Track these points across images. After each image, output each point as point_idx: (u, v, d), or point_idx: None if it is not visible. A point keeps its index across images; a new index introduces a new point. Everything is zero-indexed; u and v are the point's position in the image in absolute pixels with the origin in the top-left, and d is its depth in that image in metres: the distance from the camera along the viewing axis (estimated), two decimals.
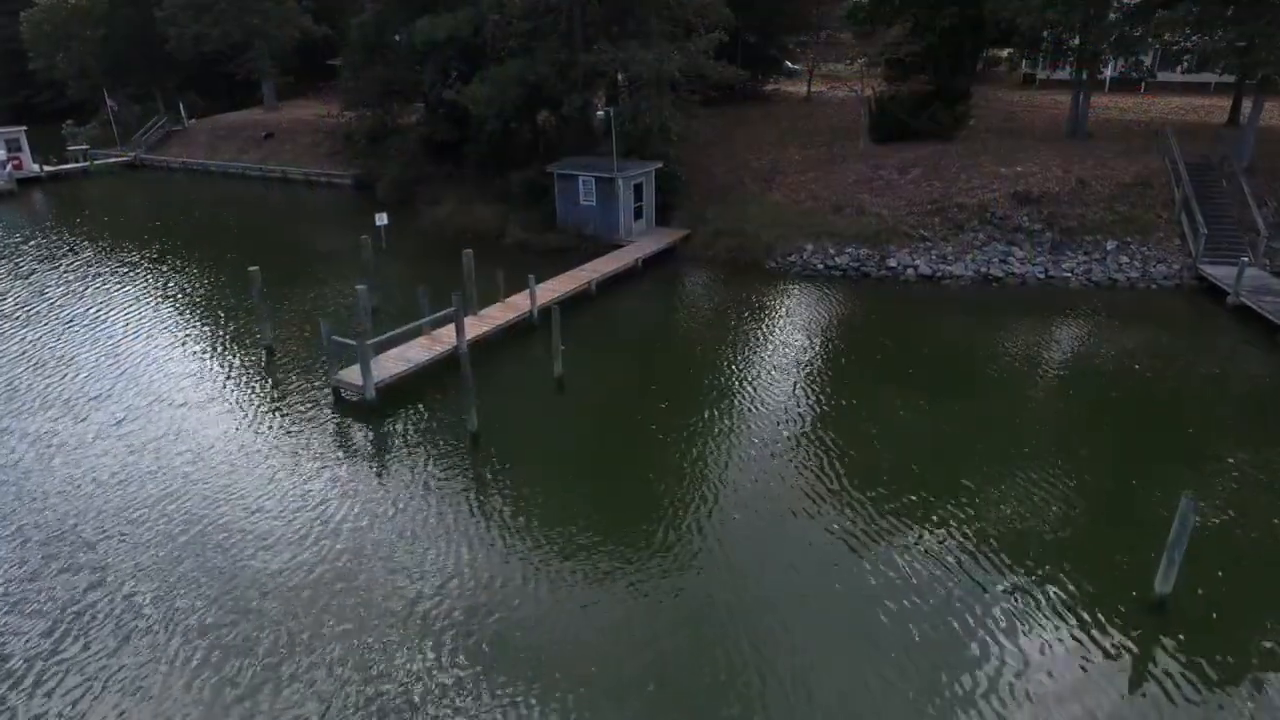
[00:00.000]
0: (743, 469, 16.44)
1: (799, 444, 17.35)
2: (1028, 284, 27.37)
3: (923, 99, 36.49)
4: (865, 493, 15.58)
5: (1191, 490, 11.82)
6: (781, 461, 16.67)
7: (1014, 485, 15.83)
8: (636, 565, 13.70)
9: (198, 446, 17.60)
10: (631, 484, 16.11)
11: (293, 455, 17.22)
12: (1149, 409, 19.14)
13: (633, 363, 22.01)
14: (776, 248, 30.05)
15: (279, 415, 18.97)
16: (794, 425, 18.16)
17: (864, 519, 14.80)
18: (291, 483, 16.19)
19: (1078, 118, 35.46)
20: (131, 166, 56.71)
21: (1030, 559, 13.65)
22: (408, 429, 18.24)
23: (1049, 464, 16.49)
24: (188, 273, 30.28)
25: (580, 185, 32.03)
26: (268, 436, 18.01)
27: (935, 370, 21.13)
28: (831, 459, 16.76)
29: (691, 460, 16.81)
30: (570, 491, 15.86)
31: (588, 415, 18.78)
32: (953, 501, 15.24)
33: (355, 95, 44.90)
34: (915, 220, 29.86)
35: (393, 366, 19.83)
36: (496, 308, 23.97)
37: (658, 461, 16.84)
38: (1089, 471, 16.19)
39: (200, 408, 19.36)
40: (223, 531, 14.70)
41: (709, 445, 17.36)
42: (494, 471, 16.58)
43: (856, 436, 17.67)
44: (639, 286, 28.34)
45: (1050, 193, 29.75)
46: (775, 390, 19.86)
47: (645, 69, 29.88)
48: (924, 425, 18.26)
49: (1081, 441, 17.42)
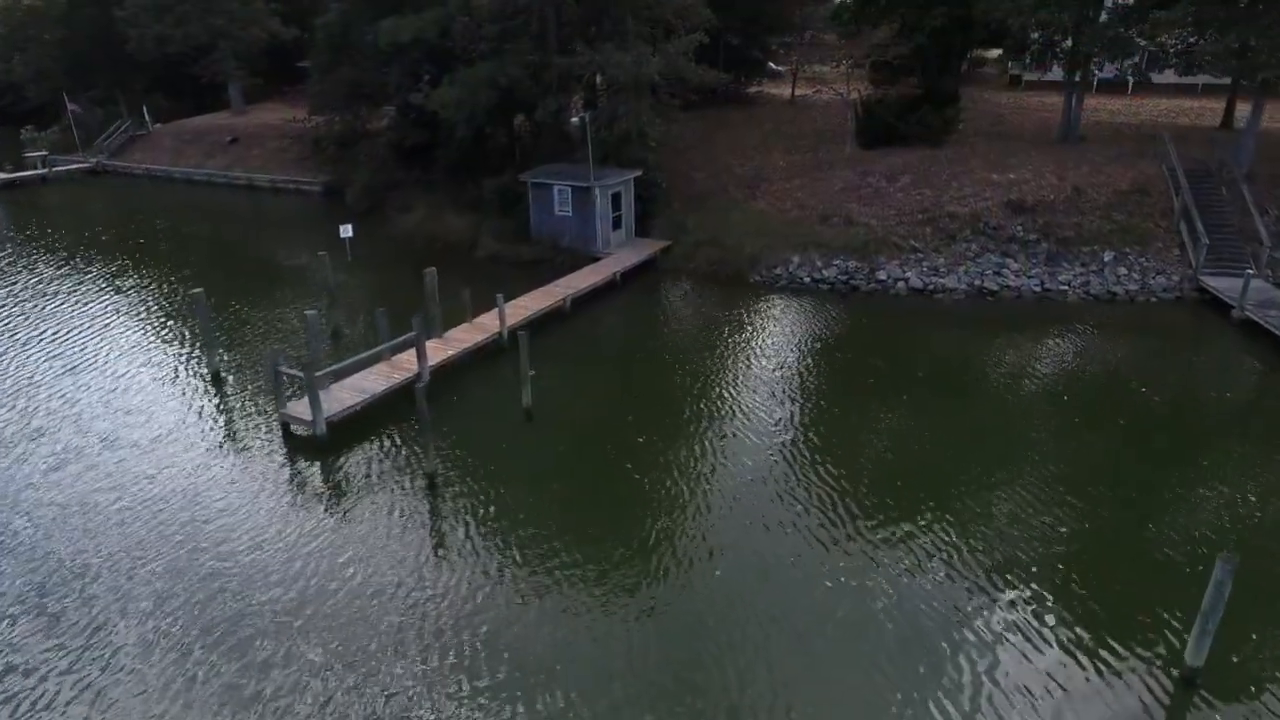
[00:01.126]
0: (726, 511, 15.02)
1: (787, 477, 15.95)
2: (1024, 297, 26.14)
3: (911, 102, 35.26)
4: (860, 528, 14.24)
5: (1232, 552, 10.48)
6: (768, 498, 15.26)
7: (1015, 520, 14.57)
8: (612, 614, 12.30)
9: (133, 497, 15.95)
10: (603, 530, 14.64)
11: (235, 502, 15.62)
12: (1158, 437, 17.89)
13: (608, 388, 20.55)
14: (761, 260, 28.66)
15: (223, 453, 17.35)
16: (781, 456, 16.76)
17: (860, 557, 13.42)
18: (229, 536, 14.60)
19: (1070, 121, 34.33)
20: (93, 173, 54.59)
21: (1032, 603, 12.45)
22: (360, 470, 16.67)
23: (1050, 497, 15.25)
24: (141, 291, 28.42)
25: (555, 195, 30.52)
26: (209, 479, 16.39)
27: (929, 393, 19.82)
28: (823, 492, 15.39)
29: (669, 502, 15.37)
30: (537, 542, 14.36)
31: (558, 450, 17.29)
32: (953, 539, 13.93)
33: (322, 99, 43.21)
34: (905, 230, 28.57)
35: (347, 398, 18.26)
36: (463, 329, 22.43)
37: (633, 504, 15.39)
38: (1096, 507, 14.92)
39: (140, 448, 17.68)
40: (147, 600, 13.11)
41: (688, 483, 15.93)
42: (453, 518, 15.06)
43: (849, 467, 16.31)
44: (617, 302, 26.87)
45: (1045, 201, 28.55)
46: (761, 418, 18.46)
47: (622, 72, 28.41)
48: (918, 452, 16.98)
49: (1086, 472, 16.21)
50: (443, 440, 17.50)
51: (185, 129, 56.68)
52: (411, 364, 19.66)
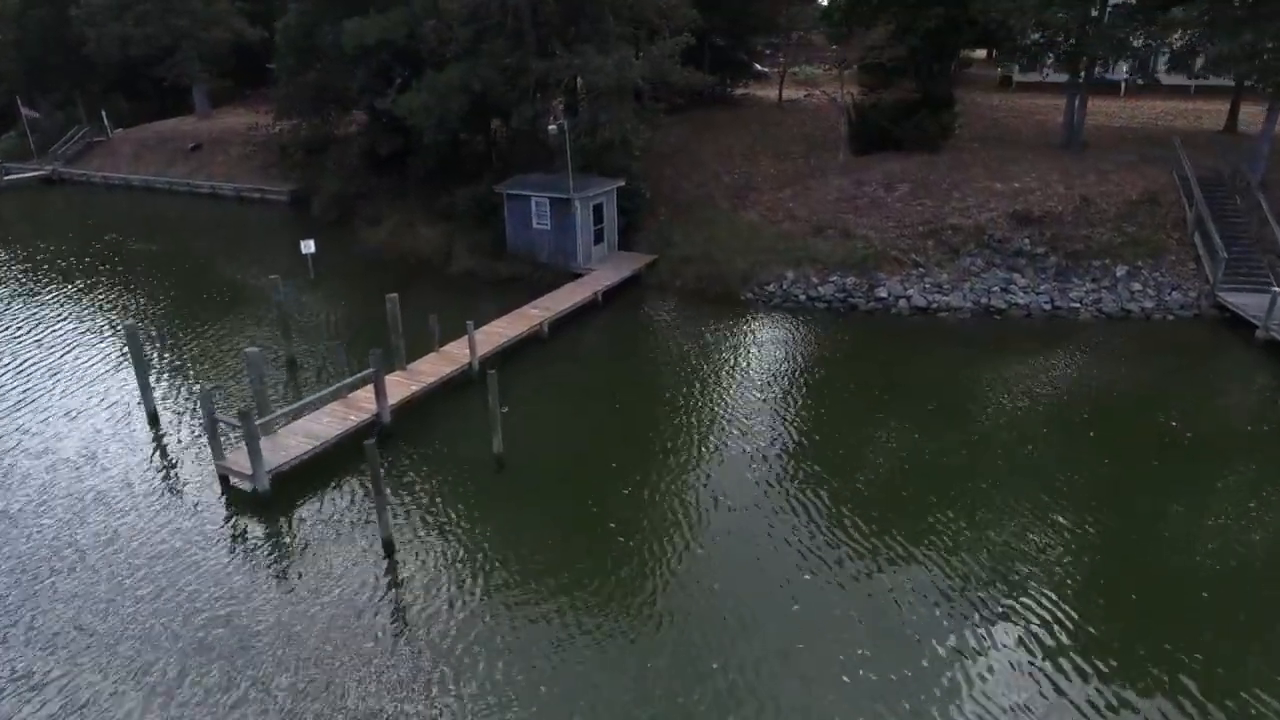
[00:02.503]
0: (721, 563, 13.18)
1: (788, 525, 14.13)
2: (1033, 316, 24.49)
3: (907, 106, 33.58)
4: (871, 574, 12.42)
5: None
6: (766, 548, 13.44)
7: (1024, 553, 13.23)
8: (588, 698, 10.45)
9: (28, 570, 13.89)
10: (583, 603, 12.75)
11: (161, 579, 13.60)
12: (1178, 466, 16.29)
13: (589, 425, 18.62)
14: (753, 276, 26.85)
15: (150, 512, 15.29)
16: (781, 498, 14.94)
17: (877, 598, 11.63)
18: (144, 619, 12.60)
19: (1073, 126, 32.77)
20: (48, 182, 52.00)
21: (1044, 633, 11.11)
22: (308, 532, 14.68)
23: (1061, 527, 13.85)
24: (79, 320, 26.01)
25: (533, 206, 28.58)
26: (130, 546, 14.35)
27: (937, 421, 18.09)
28: (829, 534, 13.58)
29: (657, 567, 13.50)
30: (511, 622, 12.45)
31: (532, 507, 15.35)
32: (962, 574, 12.27)
33: (289, 103, 40.98)
34: (906, 244, 26.86)
35: (295, 445, 16.24)
36: (430, 360, 20.45)
37: (616, 569, 13.51)
38: (1107, 537, 13.62)
39: (65, 505, 15.61)
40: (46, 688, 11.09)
41: (677, 545, 14.06)
42: (413, 591, 13.12)
43: (854, 504, 14.51)
44: (599, 324, 24.96)
45: (1053, 212, 26.94)
46: (756, 455, 16.64)
47: (603, 76, 26.51)
48: (925, 484, 15.36)
49: (1097, 501, 15.04)
50: (403, 496, 15.57)
51: (147, 134, 54.16)
52: (371, 402, 17.67)
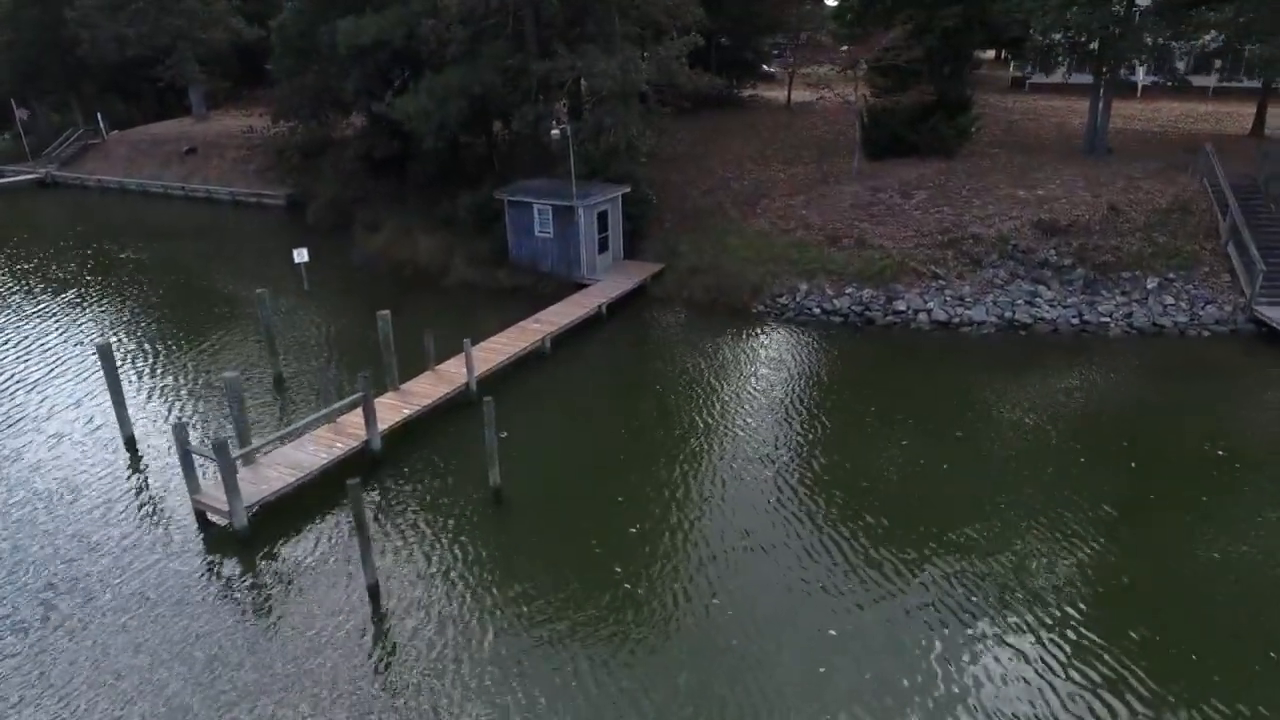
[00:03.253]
0: (735, 629, 12.00)
1: (812, 578, 12.95)
2: (1060, 331, 23.26)
3: (922, 110, 32.33)
4: (896, 616, 11.25)
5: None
6: (788, 611, 12.26)
7: (1049, 585, 12.01)
8: None
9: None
10: (588, 658, 11.58)
11: (133, 625, 12.47)
12: (1221, 498, 15.12)
13: (593, 453, 17.43)
14: (765, 288, 25.67)
15: (118, 550, 14.16)
16: (804, 545, 13.75)
17: (906, 654, 10.48)
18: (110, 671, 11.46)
19: (1097, 130, 31.52)
20: (42, 184, 51.00)
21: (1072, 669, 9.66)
22: (289, 573, 13.53)
23: (1088, 556, 12.37)
24: (60, 332, 25.02)
25: (535, 214, 27.42)
26: (95, 587, 13.23)
27: (963, 449, 16.86)
28: (851, 574, 12.40)
29: (666, 626, 12.32)
30: (506, 681, 11.29)
31: (532, 547, 14.16)
32: (980, 602, 10.98)
33: (286, 105, 39.88)
34: (925, 254, 25.65)
35: (277, 477, 15.09)
36: (425, 379, 19.30)
37: (619, 627, 12.33)
38: (1135, 564, 12.06)
39: (37, 542, 14.50)
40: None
41: (690, 593, 12.88)
42: (400, 642, 11.96)
43: (877, 538, 13.32)
44: (603, 338, 23.79)
45: (1079, 221, 25.71)
46: (772, 488, 15.45)
47: (609, 79, 25.34)
48: (951, 515, 13.99)
49: (1143, 540, 13.67)
50: (391, 535, 14.41)
51: (142, 137, 53.14)
52: (361, 427, 16.51)
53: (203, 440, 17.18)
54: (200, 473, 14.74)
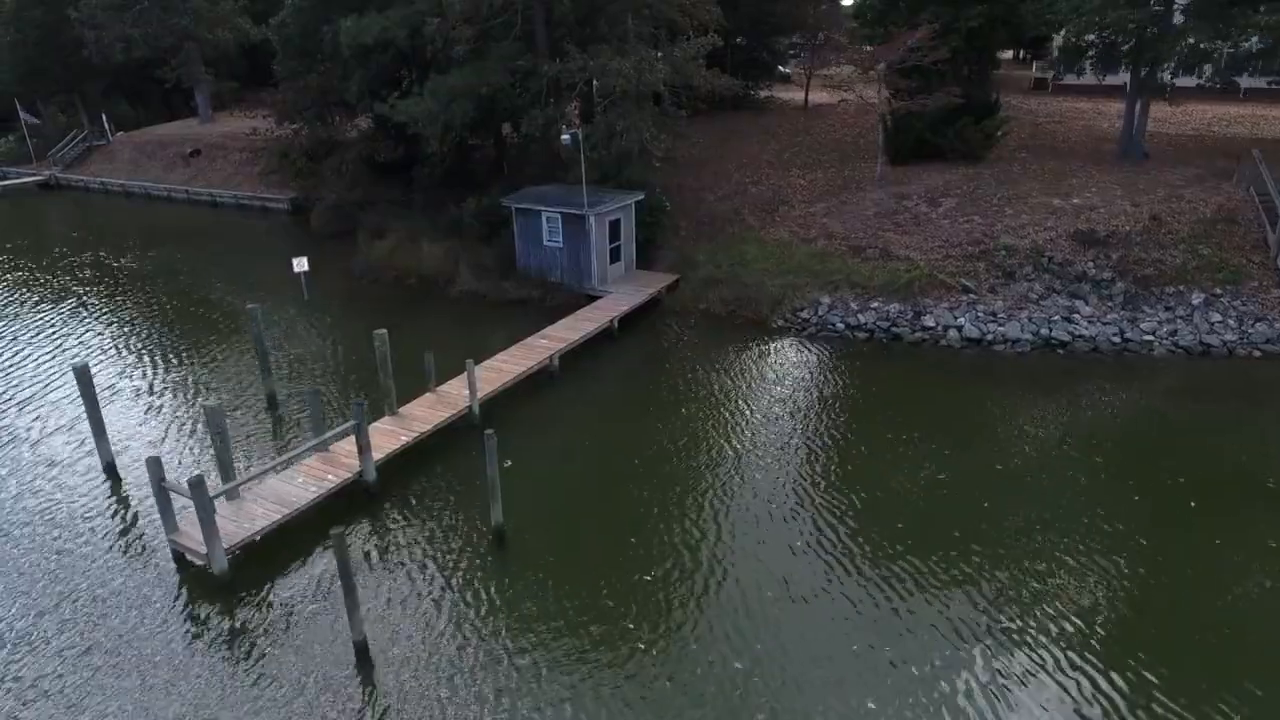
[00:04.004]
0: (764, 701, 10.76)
1: (844, 640, 11.69)
2: (1100, 350, 21.85)
3: (948, 112, 30.97)
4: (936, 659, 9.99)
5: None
6: (826, 692, 11.01)
7: (1087, 636, 10.36)
8: None
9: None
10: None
11: (97, 673, 11.34)
12: (1271, 530, 13.74)
13: (604, 486, 16.18)
14: (785, 301, 24.38)
15: (94, 597, 13.05)
16: (843, 594, 12.49)
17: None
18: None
19: (1133, 135, 30.08)
20: (46, 187, 50.30)
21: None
22: (271, 622, 12.37)
23: (1139, 603, 10.97)
24: (48, 349, 23.99)
25: (544, 222, 26.23)
26: (70, 634, 12.12)
27: (999, 480, 15.52)
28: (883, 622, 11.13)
29: (687, 696, 11.09)
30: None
31: (537, 599, 12.91)
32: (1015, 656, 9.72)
33: (291, 106, 38.85)
34: (955, 266, 24.31)
35: (261, 514, 13.94)
36: (424, 402, 18.12)
37: (629, 697, 11.10)
38: (1200, 624, 10.74)
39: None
40: None
41: (709, 660, 11.63)
42: (387, 716, 10.77)
43: (905, 584, 12.05)
44: (615, 355, 22.56)
45: (1119, 232, 24.31)
46: (803, 531, 14.18)
47: (623, 80, 24.13)
48: (987, 565, 12.68)
49: (1185, 573, 12.13)
50: (383, 581, 13.22)
51: (147, 139, 52.37)
52: (354, 455, 15.34)
53: (181, 475, 16.02)
54: (178, 510, 13.57)
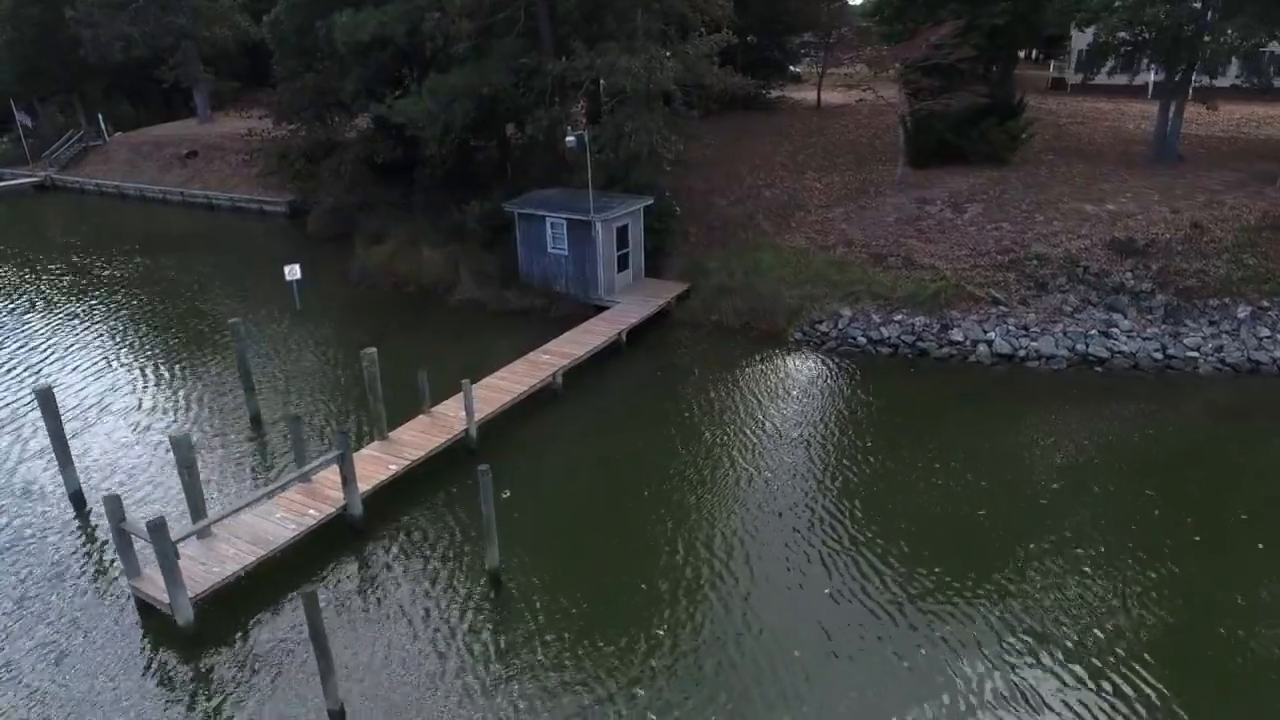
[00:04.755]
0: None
1: (889, 700, 10.35)
2: (1141, 367, 20.42)
3: (971, 113, 29.54)
4: None
5: None
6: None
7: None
8: None
9: None
10: None
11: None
12: None
13: (612, 521, 14.86)
14: (802, 312, 23.04)
15: (45, 649, 11.80)
16: (878, 657, 11.15)
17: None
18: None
19: (1167, 136, 28.62)
20: (41, 188, 49.27)
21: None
22: (235, 688, 11.07)
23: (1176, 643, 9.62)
24: (21, 362, 22.87)
25: (548, 228, 24.94)
26: (18, 698, 10.87)
27: (1037, 514, 14.12)
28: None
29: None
30: None
31: (532, 659, 11.55)
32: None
33: (287, 106, 37.65)
34: (983, 276, 22.91)
35: (233, 556, 12.66)
36: (417, 425, 16.82)
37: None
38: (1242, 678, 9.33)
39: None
40: None
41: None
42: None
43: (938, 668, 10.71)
44: (622, 371, 21.24)
45: (1159, 240, 22.87)
46: (848, 573, 12.84)
47: (632, 79, 22.81)
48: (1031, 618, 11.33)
49: (1225, 612, 10.63)
50: (364, 635, 11.92)
51: (144, 139, 51.29)
52: (339, 486, 14.05)
53: (154, 508, 14.77)
54: (141, 552, 12.30)
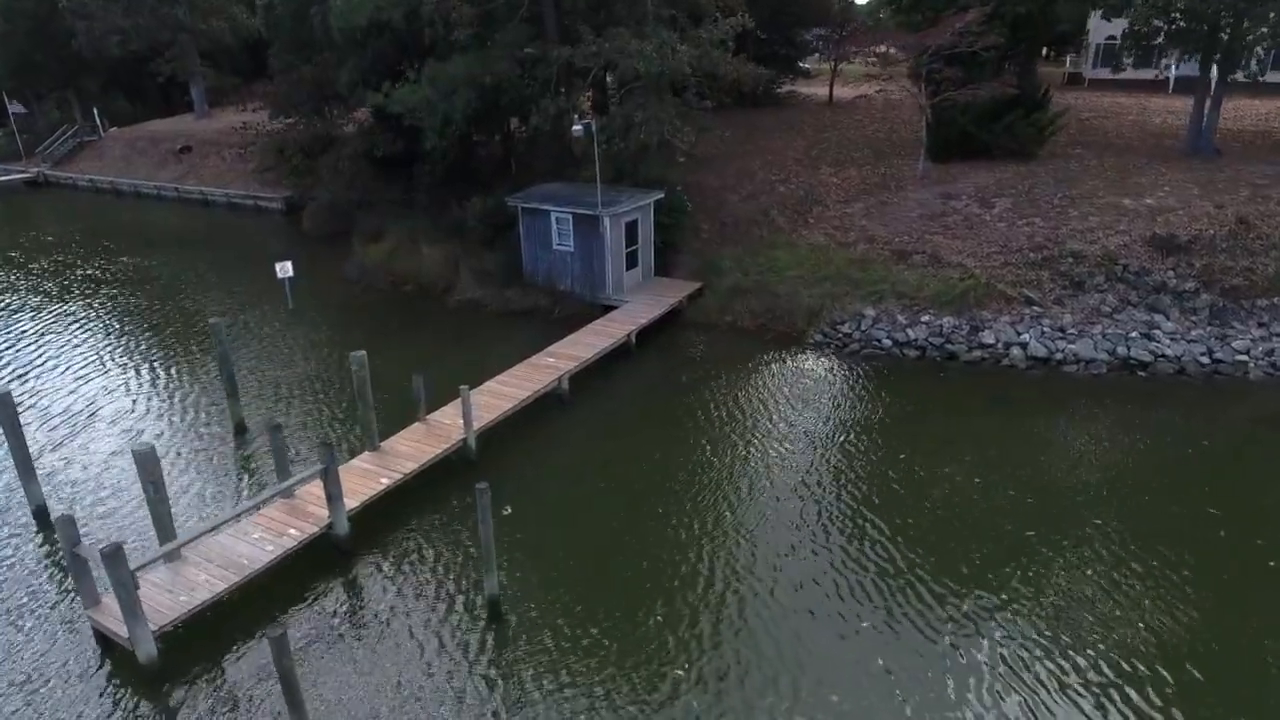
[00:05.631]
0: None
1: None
2: (1187, 372, 19.07)
3: (996, 106, 28.21)
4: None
5: None
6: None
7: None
8: None
9: None
10: None
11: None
12: None
13: (623, 541, 13.56)
14: (822, 313, 21.73)
15: (11, 683, 10.58)
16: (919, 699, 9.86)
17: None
18: None
19: (1202, 129, 27.26)
20: (33, 184, 48.13)
21: None
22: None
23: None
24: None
25: (553, 224, 23.66)
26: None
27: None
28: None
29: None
30: None
31: (534, 703, 10.32)
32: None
33: (284, 98, 36.43)
34: (1015, 275, 21.57)
35: (203, 583, 11.39)
36: (412, 434, 15.55)
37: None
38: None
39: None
40: None
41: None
42: None
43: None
44: (631, 375, 19.95)
45: (1202, 236, 21.52)
46: (883, 606, 11.54)
47: (643, 63, 21.53)
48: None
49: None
50: (346, 675, 10.63)
51: (141, 135, 50.13)
52: (323, 503, 12.78)
53: (125, 526, 13.54)
54: (100, 580, 11.02)
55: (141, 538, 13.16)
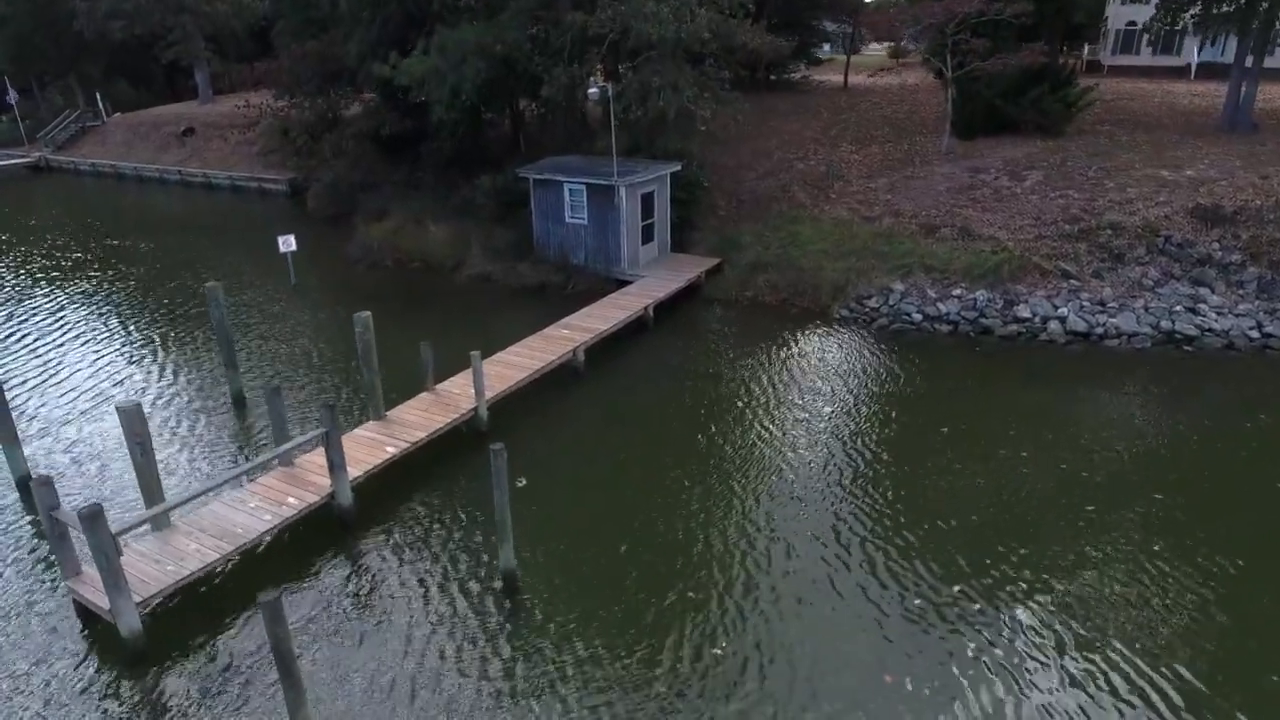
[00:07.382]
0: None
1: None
2: (1235, 345, 18.06)
3: (1022, 80, 27.21)
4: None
5: None
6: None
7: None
8: None
9: None
10: None
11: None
12: None
13: (644, 514, 12.61)
14: (848, 288, 20.78)
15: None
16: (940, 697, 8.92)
17: None
18: None
19: (1239, 105, 26.22)
20: (35, 169, 47.43)
21: None
22: (201, 713, 8.93)
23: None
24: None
25: (566, 195, 22.74)
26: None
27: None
28: None
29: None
30: None
31: (550, 681, 9.34)
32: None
33: (289, 76, 35.54)
34: (1050, 247, 20.58)
35: (194, 553, 10.49)
36: (420, 404, 14.64)
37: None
38: None
39: None
40: None
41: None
42: None
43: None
44: (649, 350, 19.01)
45: (1248, 207, 20.50)
46: (887, 592, 10.59)
47: (660, 26, 20.61)
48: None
49: None
50: (349, 650, 9.73)
51: (143, 120, 49.37)
52: (325, 472, 11.87)
53: (113, 498, 12.66)
54: (81, 548, 10.12)
55: (129, 507, 12.28)
